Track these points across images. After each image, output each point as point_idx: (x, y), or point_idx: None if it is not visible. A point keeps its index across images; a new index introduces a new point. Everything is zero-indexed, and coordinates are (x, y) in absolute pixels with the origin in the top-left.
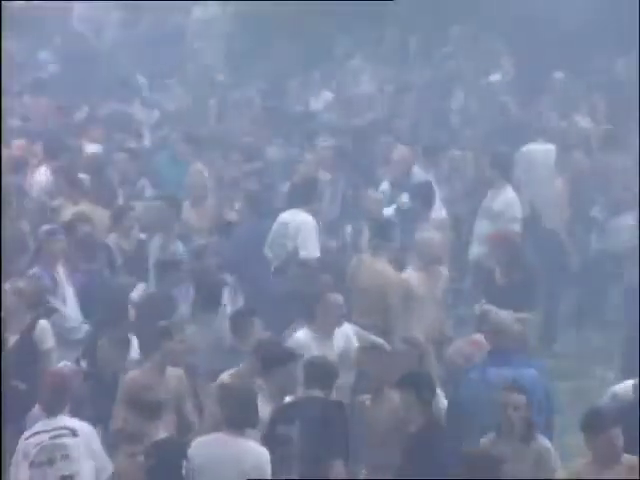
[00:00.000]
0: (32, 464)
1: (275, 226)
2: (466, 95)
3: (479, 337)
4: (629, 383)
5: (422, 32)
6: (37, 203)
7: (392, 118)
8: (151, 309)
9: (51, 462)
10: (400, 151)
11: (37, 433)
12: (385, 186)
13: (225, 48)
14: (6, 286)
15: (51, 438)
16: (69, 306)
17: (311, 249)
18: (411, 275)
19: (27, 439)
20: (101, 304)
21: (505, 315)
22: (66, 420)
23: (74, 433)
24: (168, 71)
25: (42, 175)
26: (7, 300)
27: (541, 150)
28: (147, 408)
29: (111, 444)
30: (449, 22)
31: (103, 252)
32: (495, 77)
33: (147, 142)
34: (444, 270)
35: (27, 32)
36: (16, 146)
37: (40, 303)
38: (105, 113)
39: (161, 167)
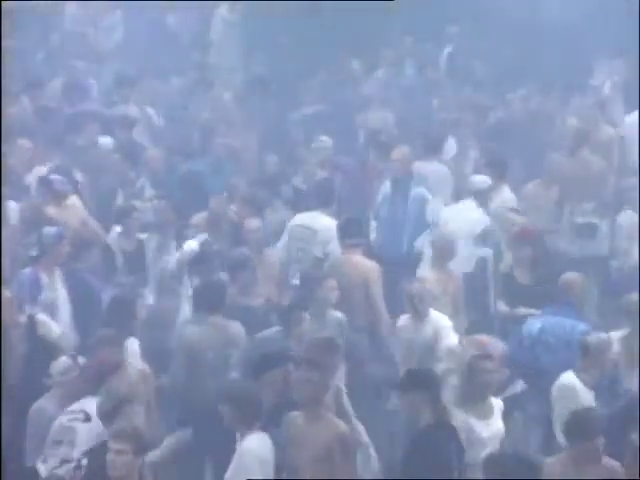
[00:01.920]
0: (48, 442)
1: (292, 228)
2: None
3: (485, 338)
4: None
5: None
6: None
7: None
8: None
9: (59, 444)
10: (400, 150)
11: (65, 413)
12: (387, 185)
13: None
14: None
15: (68, 420)
16: (61, 311)
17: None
18: (426, 274)
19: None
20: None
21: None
22: (87, 404)
23: (87, 417)
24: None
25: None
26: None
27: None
28: None
29: None
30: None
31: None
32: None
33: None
34: (458, 272)
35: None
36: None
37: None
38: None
39: (203, 177)
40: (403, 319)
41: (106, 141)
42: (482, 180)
